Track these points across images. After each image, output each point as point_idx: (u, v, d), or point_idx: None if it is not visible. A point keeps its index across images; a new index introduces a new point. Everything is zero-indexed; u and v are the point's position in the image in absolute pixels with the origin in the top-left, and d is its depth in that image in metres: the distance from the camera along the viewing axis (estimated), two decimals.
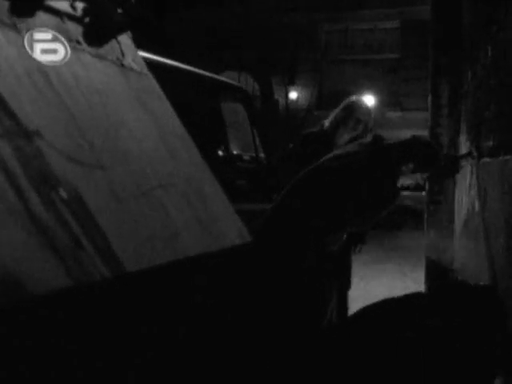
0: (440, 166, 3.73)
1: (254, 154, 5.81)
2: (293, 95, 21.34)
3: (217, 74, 6.46)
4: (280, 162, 5.81)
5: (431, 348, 2.79)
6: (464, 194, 4.20)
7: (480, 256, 3.59)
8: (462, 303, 2.83)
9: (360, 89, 19.56)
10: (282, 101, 21.48)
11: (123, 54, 2.53)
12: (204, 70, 5.57)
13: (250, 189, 5.57)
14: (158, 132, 2.43)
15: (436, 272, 5.24)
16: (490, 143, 3.41)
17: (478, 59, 3.91)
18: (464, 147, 4.30)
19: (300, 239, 3.47)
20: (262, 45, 20.31)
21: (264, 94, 21.77)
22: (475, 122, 3.90)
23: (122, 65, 2.50)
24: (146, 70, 2.66)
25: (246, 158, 5.45)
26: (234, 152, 5.62)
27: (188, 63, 5.40)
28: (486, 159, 3.50)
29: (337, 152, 3.72)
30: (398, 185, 3.62)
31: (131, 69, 2.54)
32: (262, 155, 5.87)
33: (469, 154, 4.01)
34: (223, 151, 5.29)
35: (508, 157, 2.96)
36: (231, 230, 2.45)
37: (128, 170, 2.06)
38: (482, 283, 3.05)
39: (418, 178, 3.66)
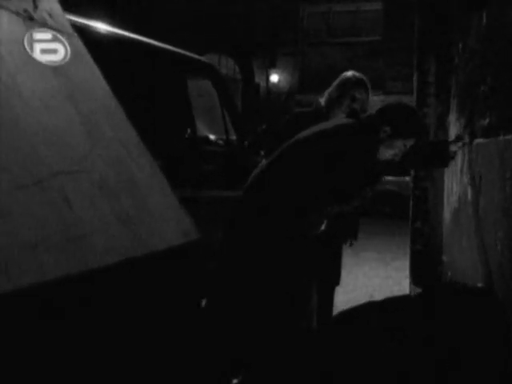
0: (424, 139, 3.32)
1: (224, 137, 5.34)
2: (274, 78, 20.94)
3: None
4: (255, 142, 5.37)
5: (419, 361, 2.36)
6: (454, 180, 3.77)
7: (473, 250, 3.16)
8: (454, 309, 2.40)
9: (342, 72, 19.23)
10: (263, 84, 21.07)
11: (35, 6, 2.05)
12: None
13: (219, 174, 5.12)
14: (73, 103, 1.95)
15: (422, 264, 4.84)
16: (486, 121, 2.98)
17: (469, 28, 3.46)
18: (454, 128, 3.87)
19: (281, 220, 3.07)
20: (243, 27, 19.92)
21: (245, 78, 21.36)
22: (468, 98, 3.47)
23: (31, 18, 2.02)
24: (68, 29, 2.18)
25: (214, 140, 4.96)
26: (202, 134, 5.13)
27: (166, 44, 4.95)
28: (481, 140, 3.06)
29: (312, 128, 3.31)
30: (380, 157, 3.21)
31: (45, 24, 2.06)
32: (233, 137, 5.40)
33: (458, 138, 3.58)
34: (189, 133, 4.81)
35: (509, 136, 2.52)
36: (171, 228, 1.99)
37: (13, 151, 1.57)
38: (477, 285, 2.61)
39: (401, 148, 3.23)
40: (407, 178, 14.43)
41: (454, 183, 3.76)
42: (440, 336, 2.28)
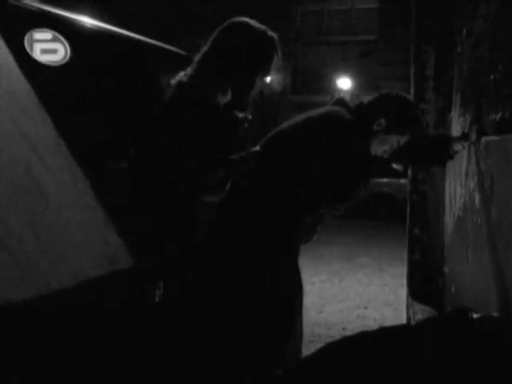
0: (421, 130, 2.90)
1: None
2: (266, 78, 20.48)
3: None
4: None
5: None
6: (458, 183, 3.33)
7: (482, 266, 2.73)
8: (465, 346, 1.96)
9: (336, 72, 18.92)
10: None
11: None
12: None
13: None
14: None
15: (420, 275, 4.41)
16: (499, 116, 2.54)
17: (475, 10, 3.03)
18: (457, 125, 3.43)
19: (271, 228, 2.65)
20: None
21: None
22: (474, 90, 3.03)
23: None
24: None
25: None
26: None
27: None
28: (493, 137, 2.62)
29: (295, 118, 2.88)
30: (373, 151, 2.80)
31: None
32: None
33: (463, 136, 3.12)
34: None
35: None
36: (90, 255, 1.51)
37: None
38: (493, 314, 2.16)
39: (393, 144, 2.81)
40: (402, 180, 14.10)
41: (458, 187, 3.33)
42: (446, 380, 1.84)
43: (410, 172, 4.50)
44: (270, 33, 2.64)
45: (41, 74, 3.04)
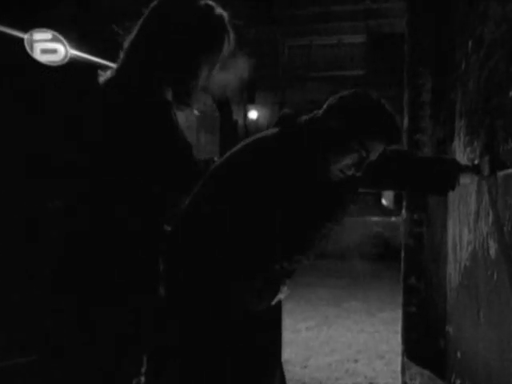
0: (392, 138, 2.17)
1: None
2: (252, 115, 20.10)
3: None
4: None
5: None
6: (465, 226, 2.75)
7: (500, 332, 2.14)
8: None
9: None
10: (241, 121, 20.24)
11: None
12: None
13: None
14: None
15: (417, 331, 3.82)
16: None
17: (484, 16, 2.49)
18: (463, 157, 2.86)
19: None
20: None
21: (222, 114, 20.58)
22: (484, 113, 2.46)
23: None
24: None
25: None
26: None
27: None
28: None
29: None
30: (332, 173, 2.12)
31: None
32: None
33: (474, 167, 2.47)
34: None
35: None
36: None
37: None
38: None
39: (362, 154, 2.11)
40: (393, 219, 13.61)
41: (465, 231, 2.75)
42: None
43: (404, 212, 3.92)
44: (219, 10, 2.01)
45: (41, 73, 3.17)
